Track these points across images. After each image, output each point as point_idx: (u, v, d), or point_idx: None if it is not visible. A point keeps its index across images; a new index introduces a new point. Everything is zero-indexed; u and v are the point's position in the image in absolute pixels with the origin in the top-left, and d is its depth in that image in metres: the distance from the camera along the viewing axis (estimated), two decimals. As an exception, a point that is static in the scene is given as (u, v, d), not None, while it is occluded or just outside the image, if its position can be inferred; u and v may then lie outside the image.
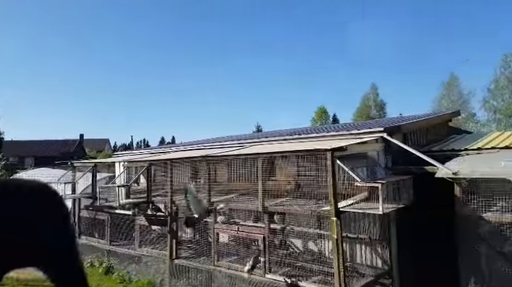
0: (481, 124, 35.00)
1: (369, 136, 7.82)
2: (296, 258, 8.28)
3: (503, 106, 33.31)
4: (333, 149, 6.54)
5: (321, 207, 7.02)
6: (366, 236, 7.70)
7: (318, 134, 9.02)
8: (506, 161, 6.25)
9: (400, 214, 7.24)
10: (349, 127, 9.64)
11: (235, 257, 8.37)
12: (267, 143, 9.89)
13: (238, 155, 8.40)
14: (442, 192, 6.67)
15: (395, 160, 7.90)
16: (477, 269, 6.56)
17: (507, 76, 33.16)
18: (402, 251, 7.49)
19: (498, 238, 6.39)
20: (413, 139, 8.97)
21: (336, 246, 6.51)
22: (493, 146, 7.76)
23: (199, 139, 16.22)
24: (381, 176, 7.33)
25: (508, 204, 6.22)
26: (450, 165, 6.63)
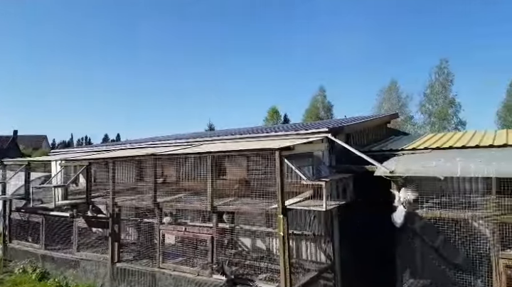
0: (417, 126, 37.77)
1: (315, 136, 8.06)
2: (244, 256, 8.30)
3: (436, 109, 36.26)
4: (281, 148, 6.65)
5: (270, 205, 7.11)
6: (311, 232, 7.93)
7: (268, 134, 9.12)
8: (437, 161, 6.78)
9: (342, 211, 7.57)
10: (297, 127, 9.86)
11: (181, 258, 8.19)
12: (218, 142, 9.80)
13: (187, 153, 8.22)
14: (381, 190, 7.07)
15: (339, 159, 8.23)
16: (412, 262, 7.05)
17: (441, 82, 36.15)
18: (344, 246, 7.84)
19: (430, 233, 6.92)
20: (355, 139, 9.42)
21: (282, 243, 6.63)
22: (426, 147, 8.37)
23: (146, 137, 15.66)
24: (326, 175, 7.59)
25: (439, 201, 6.77)
26: (388, 164, 7.04)
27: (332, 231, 7.73)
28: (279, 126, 12.40)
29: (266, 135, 9.06)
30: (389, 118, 12.46)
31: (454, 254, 6.63)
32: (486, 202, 6.17)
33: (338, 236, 7.81)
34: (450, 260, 6.64)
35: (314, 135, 8.16)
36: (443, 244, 6.80)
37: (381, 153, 8.42)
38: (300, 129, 8.83)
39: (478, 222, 6.38)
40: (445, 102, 35.75)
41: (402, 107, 38.97)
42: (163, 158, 8.49)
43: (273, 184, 6.79)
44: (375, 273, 7.96)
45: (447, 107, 35.66)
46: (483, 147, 7.63)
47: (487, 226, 6.10)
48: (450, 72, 35.96)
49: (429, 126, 36.56)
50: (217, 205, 7.51)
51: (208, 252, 7.53)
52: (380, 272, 7.53)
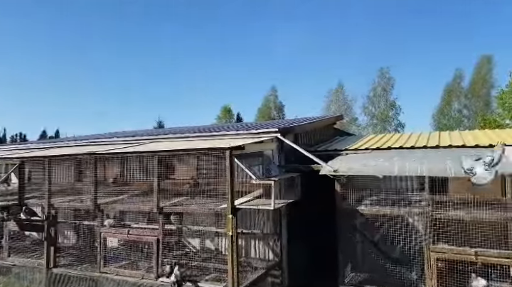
0: (361, 127, 39.88)
1: (265, 136, 8.16)
2: (192, 257, 8.17)
3: (378, 112, 38.57)
4: (232, 148, 6.63)
5: (220, 205, 7.07)
6: (260, 230, 8.03)
7: (219, 133, 9.06)
8: (377, 160, 7.19)
9: (291, 209, 7.75)
10: (248, 127, 9.91)
11: (125, 262, 7.85)
12: (167, 141, 9.53)
13: (131, 153, 7.88)
14: (326, 188, 7.35)
15: (288, 158, 8.41)
16: (353, 257, 7.42)
17: (383, 86, 38.51)
18: (292, 243, 8.03)
19: (370, 228, 7.33)
20: (304, 139, 9.69)
21: (230, 242, 6.62)
22: (367, 147, 8.85)
23: (88, 135, 14.77)
24: (275, 174, 7.72)
25: (378, 198, 7.20)
26: (332, 163, 7.33)
27: (280, 229, 7.88)
28: (231, 125, 12.39)
29: (217, 134, 8.99)
30: (335, 120, 12.99)
31: (391, 249, 7.08)
32: (419, 198, 6.67)
33: (286, 234, 7.98)
34: (388, 254, 7.09)
35: (265, 135, 8.26)
36: (381, 239, 7.24)
37: (327, 153, 8.75)
38: (251, 129, 8.89)
39: (413, 218, 6.87)
40: (386, 105, 38.13)
41: (348, 109, 40.88)
42: (106, 157, 8.06)
43: (223, 183, 6.76)
44: (320, 268, 8.27)
45: (388, 110, 38.07)
46: (418, 148, 8.23)
47: (421, 222, 6.58)
48: (391, 76, 38.45)
49: (371, 127, 38.77)
50: (163, 206, 7.30)
51: (154, 255, 7.29)
52: (325, 267, 7.84)
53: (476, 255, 5.82)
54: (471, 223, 6.15)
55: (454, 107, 36.85)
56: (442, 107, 37.46)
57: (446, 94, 37.51)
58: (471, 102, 35.79)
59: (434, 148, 8.06)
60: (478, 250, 5.84)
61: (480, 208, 6.13)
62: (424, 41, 57.78)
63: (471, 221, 6.14)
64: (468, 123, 35.05)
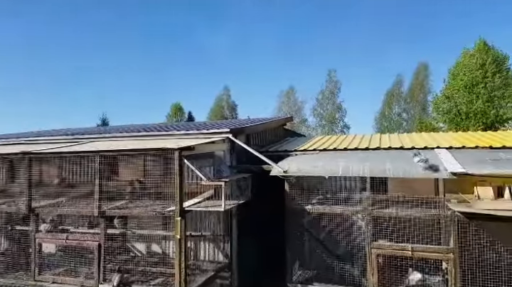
0: (311, 128, 41.30)
1: (217, 137, 8.07)
2: (137, 262, 7.86)
3: (326, 114, 40.17)
4: (181, 148, 6.47)
5: (168, 207, 6.88)
6: (210, 232, 7.94)
7: (168, 132, 8.79)
8: (323, 161, 7.45)
9: (242, 210, 7.76)
10: (199, 127, 9.73)
11: (63, 269, 7.33)
12: (111, 140, 9.06)
13: (71, 152, 7.38)
14: (277, 188, 7.47)
15: (240, 159, 8.41)
16: (301, 255, 7.61)
17: (330, 89, 40.18)
18: (243, 243, 8.04)
19: (316, 227, 7.57)
20: (255, 140, 9.75)
21: (178, 246, 6.46)
22: (315, 148, 9.14)
23: (25, 132, 13.57)
24: (226, 174, 7.67)
25: (324, 198, 7.46)
26: (282, 164, 7.46)
27: (230, 230, 7.85)
28: (181, 125, 12.09)
29: (166, 133, 8.72)
30: (285, 121, 13.24)
31: (336, 246, 7.38)
32: (361, 198, 7.02)
33: (237, 235, 7.97)
34: (333, 251, 7.37)
35: (216, 135, 8.17)
36: (327, 236, 7.51)
37: (277, 154, 8.90)
38: (202, 129, 8.74)
39: (356, 216, 7.22)
40: (333, 107, 39.83)
41: (298, 110, 42.11)
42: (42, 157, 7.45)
43: (172, 185, 6.58)
44: (270, 267, 8.38)
45: (335, 112, 39.80)
46: (361, 149, 8.66)
47: (363, 220, 6.93)
48: (338, 80, 40.26)
49: (320, 129, 40.30)
50: (106, 209, 6.92)
51: (95, 260, 6.89)
52: (275, 266, 7.96)
53: (412, 251, 6.25)
54: (408, 220, 6.59)
55: (395, 111, 39.55)
56: (384, 110, 39.98)
57: (388, 98, 40.10)
58: (410, 106, 38.66)
59: (375, 149, 8.53)
60: (414, 246, 6.27)
61: (416, 206, 6.60)
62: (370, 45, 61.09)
63: (408, 219, 6.58)
64: (407, 126, 37.81)
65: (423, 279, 6.44)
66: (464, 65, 25.75)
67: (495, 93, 24.54)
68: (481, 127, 23.86)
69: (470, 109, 24.81)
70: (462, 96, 25.23)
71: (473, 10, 53.44)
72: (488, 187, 5.85)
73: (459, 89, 25.43)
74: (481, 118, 24.49)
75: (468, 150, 7.57)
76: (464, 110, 25.12)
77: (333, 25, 62.37)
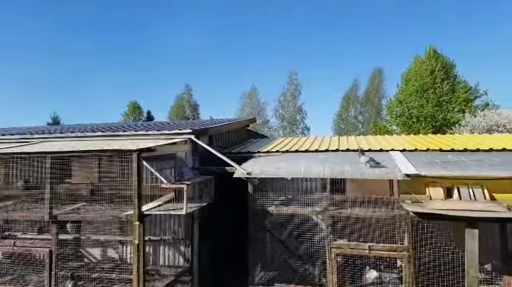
0: (273, 129, 41.76)
1: (179, 137, 7.88)
2: (92, 269, 7.47)
3: (288, 115, 40.84)
4: (140, 150, 6.24)
5: (125, 211, 6.61)
6: (170, 236, 7.73)
7: (125, 133, 8.43)
8: (286, 163, 7.54)
9: (204, 212, 7.64)
10: (160, 127, 9.44)
11: (8, 277, 6.80)
12: (63, 140, 8.55)
13: (20, 153, 6.85)
14: (240, 190, 7.43)
15: (202, 160, 8.28)
16: (263, 256, 7.64)
17: (291, 91, 40.90)
18: (204, 247, 7.92)
19: (278, 228, 7.64)
20: (218, 141, 9.66)
21: (136, 251, 6.24)
22: (277, 150, 9.24)
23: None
24: (188, 177, 7.50)
25: (286, 199, 7.54)
26: (245, 165, 7.45)
27: (192, 233, 7.69)
28: (140, 125, 11.66)
29: (123, 134, 8.36)
30: (248, 122, 13.25)
31: (297, 246, 7.48)
32: (322, 198, 7.17)
33: (198, 238, 7.83)
34: (294, 252, 7.47)
35: (178, 136, 7.98)
36: (289, 237, 7.60)
37: (240, 155, 8.88)
38: (163, 129, 8.48)
39: (317, 217, 7.37)
40: (294, 109, 40.58)
41: (260, 111, 42.40)
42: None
43: (130, 188, 6.33)
44: (232, 270, 8.32)
45: (296, 114, 40.57)
46: (322, 151, 8.87)
47: (323, 220, 7.08)
48: (299, 83, 41.09)
49: (282, 130, 40.87)
50: (57, 214, 6.52)
51: (46, 267, 6.47)
52: (237, 268, 7.92)
53: (369, 249, 6.48)
54: (365, 220, 6.83)
55: (351, 113, 41.08)
56: (341, 113, 41.40)
57: (345, 102, 41.57)
58: (366, 109, 40.33)
59: (335, 151, 8.78)
60: (371, 245, 6.51)
61: (373, 206, 6.86)
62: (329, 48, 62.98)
63: (365, 219, 6.82)
64: (362, 128, 39.42)
65: (379, 277, 6.71)
66: (416, 71, 27.36)
67: (443, 98, 26.30)
68: (430, 130, 25.45)
69: (421, 112, 26.38)
70: (414, 100, 26.78)
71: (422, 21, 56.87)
72: (438, 187, 6.23)
73: (411, 93, 26.97)
74: (431, 121, 26.13)
75: (420, 153, 8.01)
76: (415, 114, 26.65)
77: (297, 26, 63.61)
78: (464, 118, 22.30)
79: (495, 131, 19.63)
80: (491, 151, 7.92)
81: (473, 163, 6.76)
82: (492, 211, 5.56)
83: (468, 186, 6.12)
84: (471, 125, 21.20)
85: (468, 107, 25.06)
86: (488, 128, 20.21)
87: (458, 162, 6.93)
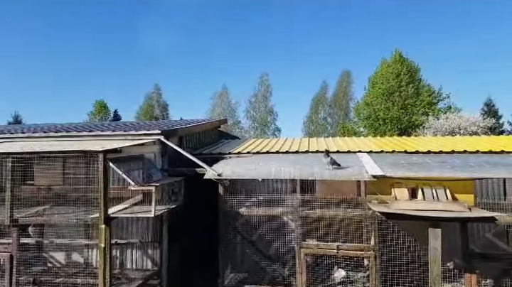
0: (244, 130, 41.75)
1: (147, 138, 7.71)
2: (56, 273, 7.17)
3: (259, 116, 40.99)
4: (106, 151, 6.05)
5: (91, 214, 6.39)
6: (137, 240, 7.55)
7: (91, 133, 8.13)
8: (257, 164, 7.57)
9: (173, 214, 7.52)
10: (127, 127, 9.18)
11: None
12: (25, 140, 8.13)
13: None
14: (211, 191, 7.38)
15: (172, 161, 8.15)
16: (233, 258, 7.62)
17: (262, 93, 41.10)
18: (174, 249, 7.79)
19: (249, 229, 7.65)
20: (188, 142, 9.54)
21: (103, 255, 6.05)
22: (249, 151, 9.25)
23: None
24: (157, 178, 7.36)
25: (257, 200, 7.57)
26: (216, 167, 7.41)
27: (161, 236, 7.55)
28: (107, 125, 11.29)
29: (89, 134, 8.07)
30: (219, 123, 13.18)
31: (267, 247, 7.53)
32: (292, 199, 7.26)
33: (167, 240, 7.69)
34: (265, 253, 7.51)
35: (146, 136, 7.80)
36: (259, 238, 7.64)
37: (211, 156, 8.82)
38: (130, 130, 8.26)
39: (287, 217, 7.45)
40: (265, 110, 40.81)
41: (232, 112, 42.29)
42: None
43: (96, 190, 6.13)
44: (203, 271, 8.25)
45: (267, 115, 40.82)
46: (292, 153, 8.99)
47: (293, 221, 7.17)
48: (270, 84, 41.38)
49: (253, 131, 40.96)
50: (19, 217, 6.19)
51: (6, 273, 6.14)
52: (207, 270, 7.86)
53: (337, 249, 6.64)
54: (334, 220, 6.99)
55: (321, 115, 41.87)
56: (311, 115, 42.11)
57: (314, 103, 42.31)
58: (334, 111, 41.25)
59: (305, 153, 8.92)
60: (339, 244, 6.67)
61: (341, 207, 7.03)
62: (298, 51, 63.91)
63: (334, 219, 6.98)
64: (331, 129, 40.27)
65: (347, 276, 6.88)
66: (382, 74, 28.33)
67: (408, 101, 27.38)
68: (396, 132, 26.44)
69: (387, 115, 27.33)
70: (380, 103, 27.70)
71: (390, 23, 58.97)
72: (403, 188, 6.48)
73: (378, 96, 27.89)
74: (396, 123, 27.14)
75: (386, 154, 8.30)
76: (381, 116, 27.58)
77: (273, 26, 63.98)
78: (428, 120, 23.30)
79: (457, 134, 20.71)
80: (453, 153, 8.33)
81: (437, 165, 7.08)
82: (453, 211, 5.86)
83: (431, 187, 6.40)
84: (434, 127, 22.22)
85: (431, 110, 26.23)
86: (451, 131, 21.29)
87: (422, 163, 7.24)
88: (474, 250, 6.69)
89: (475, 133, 20.70)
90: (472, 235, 6.97)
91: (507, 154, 8.13)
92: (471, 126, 21.22)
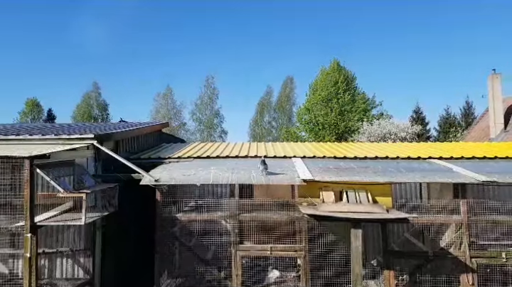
0: (190, 133, 41.25)
1: (80, 143, 7.43)
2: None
3: (205, 119, 40.78)
4: (33, 157, 5.78)
5: (18, 221, 6.05)
6: (69, 248, 7.25)
7: (18, 136, 7.62)
8: (196, 169, 7.68)
9: (107, 221, 7.33)
10: (58, 130, 8.70)
11: None
12: None
13: None
14: (148, 197, 7.32)
15: (107, 167, 7.93)
16: (170, 264, 7.62)
17: (208, 95, 40.99)
18: (108, 257, 7.58)
19: (187, 234, 7.70)
20: (125, 146, 9.33)
21: (28, 265, 5.77)
22: (189, 156, 9.31)
23: None
24: (89, 184, 7.13)
25: (196, 205, 7.65)
26: (154, 172, 7.38)
27: (93, 244, 7.31)
28: (36, 127, 10.58)
29: (16, 138, 7.57)
30: (160, 127, 12.98)
31: (205, 251, 7.65)
32: (231, 203, 7.48)
33: (101, 248, 7.47)
34: (202, 257, 7.61)
35: (78, 141, 7.51)
36: (197, 243, 7.73)
37: (150, 161, 8.72)
38: (61, 133, 7.86)
39: (225, 221, 7.63)
40: (212, 113, 40.74)
41: (177, 113, 41.54)
42: None
43: (23, 197, 5.83)
44: (138, 279, 8.11)
45: (213, 117, 40.76)
46: (232, 157, 9.23)
47: (231, 224, 7.38)
48: (216, 87, 41.39)
49: (199, 133, 40.62)
50: None
51: None
52: (143, 277, 7.75)
53: (271, 250, 6.98)
54: (269, 222, 7.32)
55: (266, 119, 42.82)
56: (256, 118, 42.89)
57: (260, 107, 43.17)
58: (278, 116, 42.43)
59: (244, 157, 9.21)
60: (273, 246, 7.01)
61: (276, 210, 7.39)
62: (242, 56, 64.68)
63: (270, 222, 7.30)
64: (276, 133, 41.35)
65: (280, 276, 7.25)
66: (321, 81, 29.85)
67: (345, 107, 29.14)
68: (334, 137, 27.99)
69: (326, 120, 28.84)
70: (319, 109, 29.16)
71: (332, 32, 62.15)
72: (330, 191, 7.00)
73: (317, 102, 29.33)
74: (334, 129, 28.74)
75: (318, 159, 8.89)
76: (321, 121, 29.04)
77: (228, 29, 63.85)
78: (362, 126, 25.00)
79: (388, 139, 22.48)
80: (376, 159, 9.16)
81: (361, 170, 7.75)
82: (372, 212, 6.46)
83: (355, 190, 6.99)
84: (368, 133, 23.89)
85: (366, 116, 28.15)
86: (383, 136, 23.06)
87: (348, 168, 7.88)
88: (394, 248, 7.41)
89: (404, 138, 22.65)
90: (393, 234, 7.72)
91: (423, 160, 9.14)
92: (401, 132, 23.15)
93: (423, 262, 7.08)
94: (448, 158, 9.15)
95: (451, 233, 7.18)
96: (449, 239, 7.16)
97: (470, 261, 6.85)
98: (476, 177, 7.02)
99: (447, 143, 14.99)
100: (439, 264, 7.03)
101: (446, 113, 34.06)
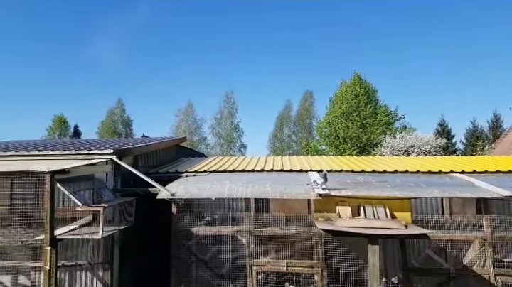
0: (210, 147, 41.63)
1: (99, 158, 7.65)
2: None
3: (225, 133, 41.15)
4: (53, 172, 5.97)
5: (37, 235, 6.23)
6: (87, 261, 7.38)
7: (40, 152, 7.93)
8: (211, 183, 7.72)
9: (125, 234, 7.44)
10: (79, 146, 9.01)
11: None
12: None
13: None
14: (165, 210, 7.40)
15: (126, 181, 8.09)
16: (186, 277, 7.61)
17: (228, 109, 41.44)
18: (126, 270, 7.67)
19: (202, 248, 7.70)
20: (144, 161, 9.51)
21: (48, 278, 5.90)
22: (205, 170, 9.38)
23: None
24: (108, 198, 7.30)
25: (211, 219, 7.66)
26: (170, 186, 7.47)
27: (112, 257, 7.43)
28: (57, 143, 10.97)
29: (38, 154, 7.88)
30: (178, 142, 13.18)
31: (220, 266, 7.60)
32: (246, 217, 7.45)
33: (119, 261, 7.57)
34: (217, 272, 7.57)
35: (98, 156, 7.73)
36: (213, 257, 7.70)
37: (168, 175, 8.84)
38: (82, 149, 8.14)
39: (241, 236, 7.59)
40: (231, 127, 41.08)
41: (197, 128, 42.16)
42: None
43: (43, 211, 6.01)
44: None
45: (233, 131, 41.07)
46: (248, 171, 9.22)
47: (246, 239, 7.33)
48: (235, 101, 41.85)
49: (219, 147, 40.95)
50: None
51: None
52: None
53: (287, 266, 6.86)
54: (285, 237, 7.22)
55: (285, 133, 42.73)
56: (276, 132, 42.88)
57: (279, 121, 43.18)
58: (298, 129, 42.25)
59: (260, 171, 9.18)
60: (289, 261, 6.89)
61: (293, 224, 7.28)
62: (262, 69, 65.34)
63: (286, 236, 7.20)
64: (296, 147, 41.11)
65: (296, 292, 7.08)
66: (342, 94, 29.57)
67: (367, 120, 28.66)
68: (356, 150, 27.50)
69: (347, 133, 28.42)
70: (340, 122, 28.80)
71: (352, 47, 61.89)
72: (347, 206, 6.84)
73: (338, 115, 29.01)
74: (356, 142, 28.25)
75: (335, 174, 8.74)
76: (341, 134, 28.64)
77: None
78: (385, 139, 24.48)
79: (411, 152, 21.87)
80: (396, 173, 8.91)
81: (379, 184, 7.56)
82: (390, 228, 6.25)
83: (372, 205, 6.81)
84: (391, 146, 23.35)
85: (388, 129, 27.58)
86: (406, 149, 22.47)
87: (366, 183, 7.71)
88: (414, 265, 7.12)
89: (428, 151, 21.96)
90: (413, 251, 7.42)
91: (444, 174, 8.82)
92: (425, 145, 22.49)
93: (445, 280, 6.76)
94: (470, 172, 8.79)
95: (475, 250, 6.84)
96: (473, 256, 6.82)
97: (495, 279, 6.49)
98: (500, 191, 6.71)
99: (470, 157, 14.43)
100: (462, 282, 6.69)
101: (473, 125, 32.84)
